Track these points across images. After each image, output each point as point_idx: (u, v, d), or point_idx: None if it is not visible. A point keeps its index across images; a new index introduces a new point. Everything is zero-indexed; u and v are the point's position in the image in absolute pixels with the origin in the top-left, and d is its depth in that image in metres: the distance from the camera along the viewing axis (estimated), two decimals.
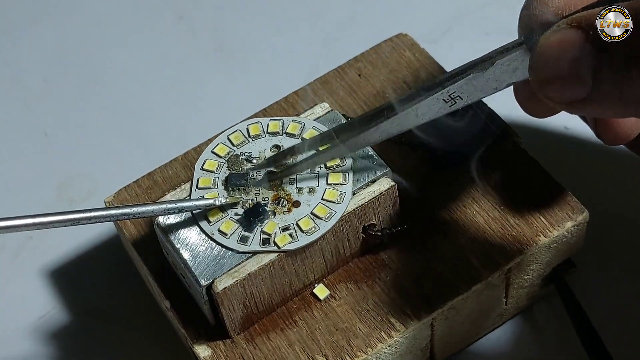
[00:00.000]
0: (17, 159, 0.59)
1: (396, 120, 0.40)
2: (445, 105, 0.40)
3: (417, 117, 0.40)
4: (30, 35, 0.64)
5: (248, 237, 0.42)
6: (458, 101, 0.39)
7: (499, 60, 0.38)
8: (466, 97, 0.39)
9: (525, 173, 0.46)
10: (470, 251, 0.44)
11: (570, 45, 0.35)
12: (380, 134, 0.41)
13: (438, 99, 0.39)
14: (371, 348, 0.42)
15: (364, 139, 0.42)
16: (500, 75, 0.38)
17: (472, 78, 0.39)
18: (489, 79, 0.38)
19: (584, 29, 0.35)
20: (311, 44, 0.62)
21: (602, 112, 0.38)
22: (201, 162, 0.44)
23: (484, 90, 0.39)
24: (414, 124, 0.40)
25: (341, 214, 0.42)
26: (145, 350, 0.50)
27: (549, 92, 0.36)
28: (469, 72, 0.39)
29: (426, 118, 0.40)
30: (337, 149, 0.42)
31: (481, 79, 0.38)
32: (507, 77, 0.38)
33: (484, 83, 0.39)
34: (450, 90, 0.39)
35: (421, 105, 0.40)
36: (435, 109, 0.40)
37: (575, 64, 0.35)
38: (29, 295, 0.52)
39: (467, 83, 0.39)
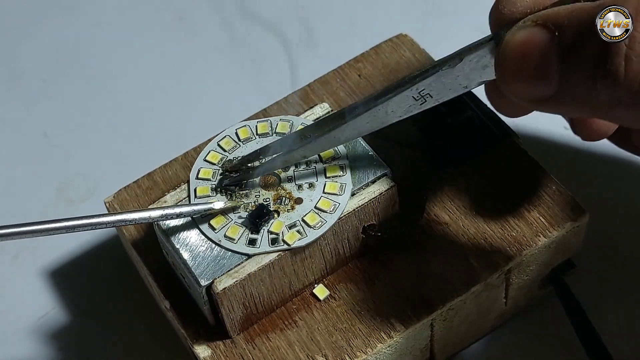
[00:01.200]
0: (16, 159, 0.59)
1: (366, 117, 0.40)
2: (416, 103, 0.39)
3: (387, 115, 0.40)
4: (30, 35, 0.64)
5: (256, 239, 0.42)
6: (428, 99, 0.39)
7: (467, 56, 0.37)
8: (436, 95, 0.39)
9: (525, 173, 0.46)
10: (470, 252, 0.44)
11: (535, 45, 0.35)
12: (351, 132, 0.41)
13: (408, 96, 0.39)
14: (371, 348, 0.42)
15: (335, 137, 0.41)
16: (469, 72, 0.38)
17: (440, 75, 0.38)
18: (458, 76, 0.38)
19: (549, 29, 0.35)
20: (311, 44, 0.62)
21: (570, 111, 0.37)
22: (195, 172, 0.44)
23: (453, 89, 0.39)
24: (384, 122, 0.40)
25: (345, 204, 0.42)
26: (145, 350, 0.50)
27: (514, 89, 0.36)
28: (438, 69, 0.38)
29: (397, 116, 0.40)
30: (308, 147, 0.42)
31: (450, 75, 0.38)
32: (476, 74, 0.38)
33: (453, 80, 0.38)
34: (419, 87, 0.39)
35: (391, 102, 0.39)
36: (405, 107, 0.40)
37: (541, 63, 0.35)
38: (29, 296, 0.52)
39: (436, 80, 0.38)
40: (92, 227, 0.40)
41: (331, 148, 0.43)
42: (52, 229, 0.39)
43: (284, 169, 0.44)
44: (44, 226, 0.39)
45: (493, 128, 0.48)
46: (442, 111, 0.48)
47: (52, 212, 0.56)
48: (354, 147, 0.44)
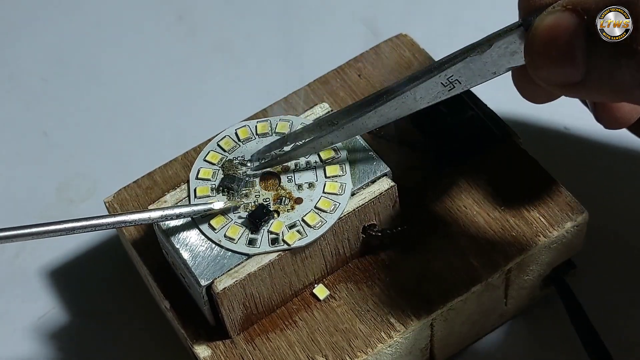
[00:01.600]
0: (16, 159, 0.59)
1: (394, 103, 0.40)
2: (444, 89, 0.39)
3: (416, 101, 0.40)
4: (30, 35, 0.64)
5: (256, 239, 0.42)
6: (457, 85, 0.39)
7: (496, 42, 0.37)
8: (465, 82, 0.39)
9: (525, 173, 0.46)
10: (470, 252, 0.44)
11: (564, 29, 0.35)
12: (378, 118, 0.41)
13: (436, 82, 0.39)
14: (371, 348, 0.42)
15: (363, 123, 0.41)
16: (497, 58, 0.38)
17: (469, 61, 0.38)
18: (487, 62, 0.38)
19: (578, 13, 0.35)
20: (311, 44, 0.62)
21: (597, 96, 0.37)
22: (195, 172, 0.44)
23: (482, 75, 0.38)
24: (412, 108, 0.40)
25: (345, 204, 0.42)
26: (145, 350, 0.50)
27: (543, 74, 0.36)
28: (467, 55, 0.38)
29: (425, 102, 0.40)
30: (335, 134, 0.42)
31: (479, 62, 0.38)
32: (505, 60, 0.38)
33: (482, 66, 0.38)
34: (448, 73, 0.39)
35: (419, 88, 0.39)
36: (433, 93, 0.39)
37: (569, 47, 0.35)
38: (29, 295, 0.52)
39: (464, 66, 0.38)
40: (91, 228, 0.40)
41: (359, 134, 0.43)
42: (52, 231, 0.39)
43: (284, 169, 0.44)
44: (44, 228, 0.39)
45: (493, 128, 0.48)
46: (442, 111, 0.48)
47: (52, 212, 0.56)
48: (354, 147, 0.44)
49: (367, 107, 0.41)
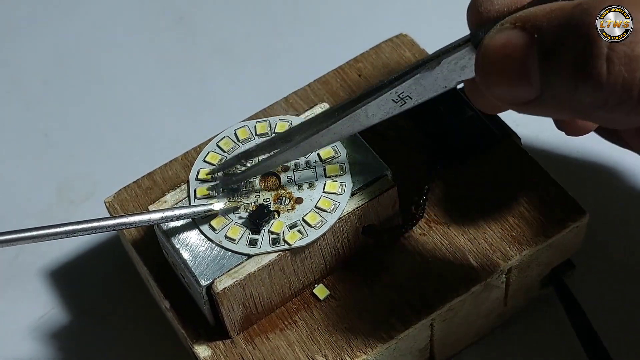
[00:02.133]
0: (17, 160, 0.59)
1: (347, 121, 0.40)
2: (395, 105, 0.39)
3: (368, 118, 0.40)
4: (30, 36, 0.64)
5: (257, 240, 0.42)
6: (408, 101, 0.39)
7: (445, 58, 0.37)
8: (416, 97, 0.39)
9: (525, 173, 0.46)
10: (470, 252, 0.44)
11: (515, 48, 0.34)
12: (332, 136, 0.41)
13: (387, 99, 0.39)
14: (371, 348, 0.42)
15: (316, 141, 0.41)
16: (448, 74, 0.38)
17: (419, 78, 0.38)
18: (437, 77, 0.38)
19: (529, 31, 0.34)
20: (311, 44, 0.62)
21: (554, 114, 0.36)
22: (195, 173, 0.44)
23: (433, 89, 0.38)
24: (365, 124, 0.40)
25: (345, 203, 0.42)
26: (145, 350, 0.50)
27: (495, 92, 0.35)
28: (416, 72, 0.38)
29: (377, 118, 0.40)
30: (290, 152, 0.42)
31: (429, 78, 0.38)
32: (455, 75, 0.38)
33: (433, 82, 0.38)
34: (398, 90, 0.39)
35: (371, 105, 0.39)
36: (385, 109, 0.39)
37: (521, 67, 0.34)
38: (29, 296, 0.52)
39: (415, 82, 0.38)
40: (92, 231, 0.40)
41: (313, 152, 0.43)
42: (53, 234, 0.39)
43: (284, 169, 0.44)
44: (45, 231, 0.39)
45: (493, 128, 0.48)
46: (442, 111, 0.48)
47: (52, 212, 0.56)
48: (354, 146, 0.44)
49: (320, 124, 0.41)
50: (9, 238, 0.38)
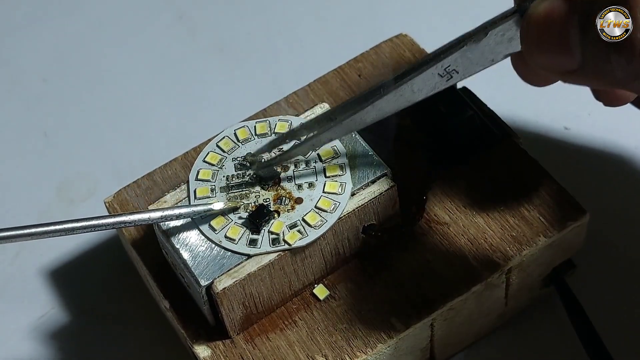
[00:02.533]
0: (17, 159, 0.59)
1: (392, 97, 0.40)
2: (442, 79, 0.39)
3: (414, 93, 0.39)
4: (30, 35, 0.64)
5: (257, 240, 0.42)
6: (454, 75, 0.38)
7: (492, 30, 0.37)
8: (462, 71, 0.38)
9: (525, 173, 0.46)
10: (470, 251, 0.44)
11: (557, 17, 0.34)
12: (377, 112, 0.40)
13: (433, 73, 0.38)
14: (371, 348, 0.42)
15: (361, 118, 0.41)
16: (495, 46, 0.37)
17: (466, 50, 0.38)
18: (484, 50, 0.37)
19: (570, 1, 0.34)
20: (311, 44, 0.62)
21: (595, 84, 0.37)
22: (195, 173, 0.44)
23: (480, 63, 0.38)
24: (410, 100, 0.40)
25: (345, 203, 0.42)
26: (145, 350, 0.50)
27: (539, 61, 0.36)
28: (463, 44, 0.38)
29: (423, 94, 0.39)
30: (334, 130, 0.42)
31: (476, 50, 0.37)
32: (502, 48, 0.37)
33: (479, 55, 0.38)
34: (444, 63, 0.38)
35: (416, 80, 0.39)
36: (431, 84, 0.39)
37: (563, 36, 0.34)
38: (29, 295, 0.52)
39: (461, 55, 0.38)
40: (91, 229, 0.40)
41: (357, 129, 0.42)
42: (52, 232, 0.39)
43: (284, 169, 0.44)
44: (44, 228, 0.39)
45: (493, 128, 0.48)
46: (442, 111, 0.48)
47: (52, 212, 0.56)
48: (354, 146, 0.44)
49: (365, 101, 0.40)
50: (9, 235, 0.38)
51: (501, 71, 0.59)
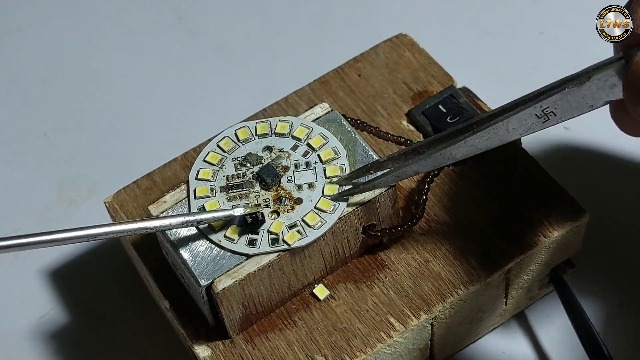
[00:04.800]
0: (17, 160, 0.59)
1: (485, 134, 0.39)
2: (538, 121, 0.38)
3: (508, 132, 0.39)
4: (30, 36, 0.65)
5: (256, 240, 0.42)
6: (551, 117, 0.38)
7: (595, 75, 0.36)
8: (560, 114, 0.38)
9: (525, 173, 0.46)
10: (470, 251, 0.44)
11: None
12: (467, 149, 0.40)
13: (531, 113, 0.38)
14: (370, 348, 0.42)
15: (451, 153, 0.40)
16: (596, 91, 0.37)
17: (567, 93, 0.37)
18: (585, 94, 0.37)
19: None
20: (311, 44, 0.62)
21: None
22: (195, 173, 0.44)
23: (578, 107, 0.37)
24: (503, 139, 0.39)
25: (345, 204, 0.42)
26: (145, 350, 0.50)
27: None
28: (565, 87, 0.37)
29: (517, 134, 0.39)
30: (422, 163, 0.41)
31: (577, 94, 0.37)
32: (603, 94, 0.37)
33: (580, 99, 0.37)
34: (544, 105, 0.37)
35: (513, 119, 0.38)
36: (527, 124, 0.38)
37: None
38: (29, 296, 0.52)
39: (561, 98, 0.37)
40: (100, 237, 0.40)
41: (445, 164, 0.41)
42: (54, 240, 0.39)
43: (284, 170, 0.44)
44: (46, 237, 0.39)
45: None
46: (442, 111, 0.48)
47: (52, 212, 0.56)
48: (354, 147, 0.44)
49: (457, 136, 0.40)
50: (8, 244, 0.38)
51: (501, 71, 0.59)
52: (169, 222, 0.41)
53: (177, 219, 0.41)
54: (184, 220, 0.41)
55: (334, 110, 0.46)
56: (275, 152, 0.44)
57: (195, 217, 0.41)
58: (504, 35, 0.60)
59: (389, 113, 0.49)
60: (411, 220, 0.44)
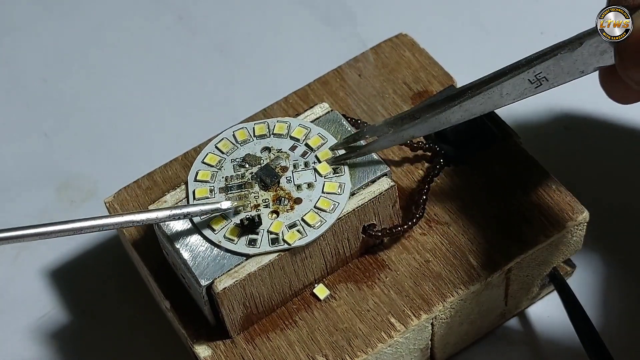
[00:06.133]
0: (17, 159, 0.59)
1: (480, 99, 0.40)
2: (531, 86, 0.39)
3: (502, 97, 0.40)
4: (30, 35, 0.65)
5: (256, 240, 0.42)
6: (544, 83, 0.39)
7: (587, 40, 0.37)
8: (552, 79, 0.38)
9: (525, 173, 0.46)
10: (470, 251, 0.44)
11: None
12: (463, 113, 0.41)
13: (524, 78, 0.39)
14: (371, 348, 0.42)
15: (446, 118, 0.41)
16: (588, 57, 0.37)
17: (559, 58, 0.38)
18: (577, 60, 0.38)
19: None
20: (311, 44, 0.62)
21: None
22: (193, 174, 0.44)
23: (570, 73, 0.38)
24: (497, 104, 0.40)
25: (344, 203, 0.42)
26: (145, 350, 0.50)
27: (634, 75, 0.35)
28: (557, 52, 0.38)
29: (510, 99, 0.40)
30: (418, 127, 0.42)
31: (569, 59, 0.38)
32: (594, 59, 0.37)
33: (571, 64, 0.38)
34: (536, 70, 0.38)
35: (507, 84, 0.39)
36: (520, 89, 0.39)
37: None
38: (29, 296, 0.52)
39: (554, 63, 0.38)
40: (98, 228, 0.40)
41: (441, 128, 0.42)
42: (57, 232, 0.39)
43: (283, 170, 0.44)
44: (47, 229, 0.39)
45: (493, 128, 0.48)
46: None
47: (52, 212, 0.56)
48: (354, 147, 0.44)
49: (452, 101, 0.41)
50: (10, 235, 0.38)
51: None
52: (155, 215, 0.41)
53: (164, 212, 0.41)
54: (171, 213, 0.41)
55: (334, 110, 0.46)
56: (273, 152, 0.44)
57: (183, 211, 0.41)
58: (504, 35, 0.60)
59: (390, 113, 0.49)
60: (411, 220, 0.44)
